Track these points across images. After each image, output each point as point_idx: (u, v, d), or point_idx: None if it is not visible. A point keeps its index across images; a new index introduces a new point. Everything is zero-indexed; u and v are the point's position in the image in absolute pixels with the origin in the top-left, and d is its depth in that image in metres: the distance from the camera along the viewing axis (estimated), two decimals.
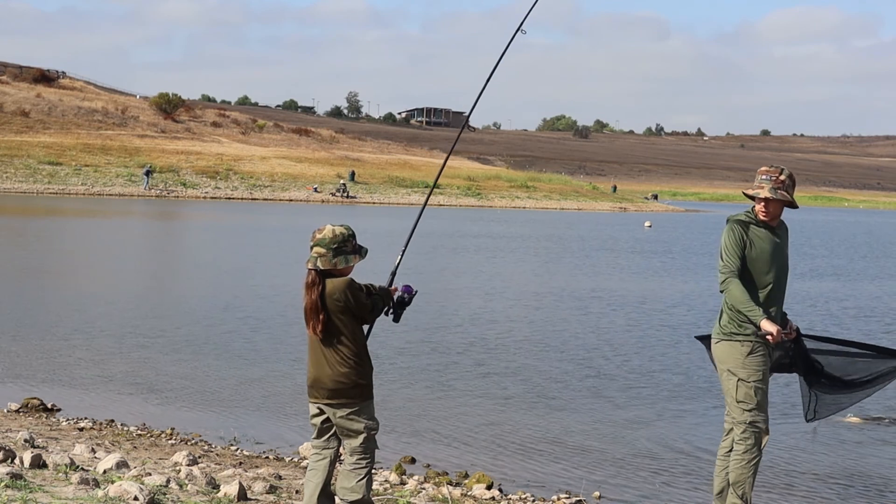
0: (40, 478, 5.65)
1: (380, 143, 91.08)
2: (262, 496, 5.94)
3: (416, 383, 10.53)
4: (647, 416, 9.45)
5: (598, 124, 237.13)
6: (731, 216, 5.68)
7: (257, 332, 13.29)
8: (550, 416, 9.35)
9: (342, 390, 4.99)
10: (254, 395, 9.92)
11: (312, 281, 4.99)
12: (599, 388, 10.61)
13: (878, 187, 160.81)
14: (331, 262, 4.98)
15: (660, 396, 10.24)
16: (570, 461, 7.93)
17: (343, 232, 5.04)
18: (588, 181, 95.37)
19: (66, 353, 11.58)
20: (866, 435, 8.99)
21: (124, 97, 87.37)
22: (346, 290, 4.97)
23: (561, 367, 11.67)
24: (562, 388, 10.53)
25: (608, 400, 10.10)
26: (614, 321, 15.45)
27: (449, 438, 8.53)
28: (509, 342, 13.27)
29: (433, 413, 9.38)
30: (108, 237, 29.91)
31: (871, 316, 16.91)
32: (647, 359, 12.31)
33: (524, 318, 15.71)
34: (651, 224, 49.63)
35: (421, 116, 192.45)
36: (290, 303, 15.91)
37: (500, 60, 6.56)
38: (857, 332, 14.77)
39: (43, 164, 58.04)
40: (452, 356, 12.08)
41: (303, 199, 60.46)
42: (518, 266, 24.88)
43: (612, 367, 11.76)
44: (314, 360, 5.06)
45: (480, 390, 10.34)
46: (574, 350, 12.79)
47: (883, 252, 34.92)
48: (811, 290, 20.47)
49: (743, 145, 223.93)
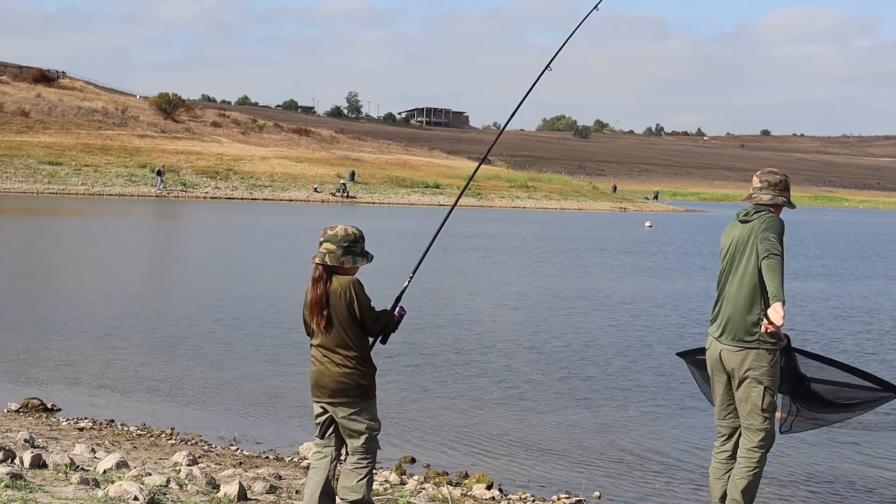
0: (40, 478, 5.65)
1: (380, 143, 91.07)
2: (262, 496, 5.94)
3: (416, 383, 10.53)
4: (647, 416, 9.44)
5: (598, 124, 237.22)
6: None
7: (258, 333, 13.28)
8: (551, 416, 9.34)
9: (344, 390, 5.01)
10: (254, 395, 9.92)
11: (319, 276, 5.05)
12: (600, 388, 10.61)
13: (878, 187, 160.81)
14: (338, 260, 5.04)
15: (660, 396, 10.24)
16: (570, 461, 7.93)
17: (354, 232, 5.11)
18: (588, 181, 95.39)
19: (65, 353, 11.58)
20: (825, 437, 8.89)
21: (124, 97, 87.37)
22: (351, 286, 5.01)
23: (561, 367, 11.66)
24: (562, 388, 10.52)
25: (608, 400, 10.09)
26: (613, 322, 15.44)
27: (449, 438, 8.53)
28: (509, 342, 13.26)
29: (433, 413, 9.38)
30: (108, 237, 29.90)
31: (851, 316, 16.79)
32: (647, 359, 12.31)
33: (524, 318, 15.70)
34: (651, 224, 49.66)
35: (421, 116, 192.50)
36: (292, 303, 15.91)
37: (527, 95, 6.79)
38: (839, 331, 14.83)
39: (43, 164, 58.02)
40: (452, 356, 12.07)
41: (303, 199, 60.45)
42: (515, 266, 24.88)
43: (612, 366, 11.76)
44: (317, 359, 5.08)
45: (480, 390, 10.34)
46: (574, 350, 12.78)
47: (876, 252, 34.81)
48: (800, 289, 20.47)
49: (743, 145, 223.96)
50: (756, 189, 5.76)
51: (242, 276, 20.38)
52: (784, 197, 5.73)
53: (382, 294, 5.91)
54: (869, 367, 11.88)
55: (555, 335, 13.94)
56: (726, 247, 5.72)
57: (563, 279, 21.84)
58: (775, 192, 5.71)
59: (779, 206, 5.70)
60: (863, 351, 13.20)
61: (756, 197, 5.72)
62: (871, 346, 13.68)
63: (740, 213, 5.75)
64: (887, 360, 12.70)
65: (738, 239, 5.64)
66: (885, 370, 11.89)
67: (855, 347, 13.47)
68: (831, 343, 13.70)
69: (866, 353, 13.09)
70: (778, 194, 5.71)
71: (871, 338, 14.40)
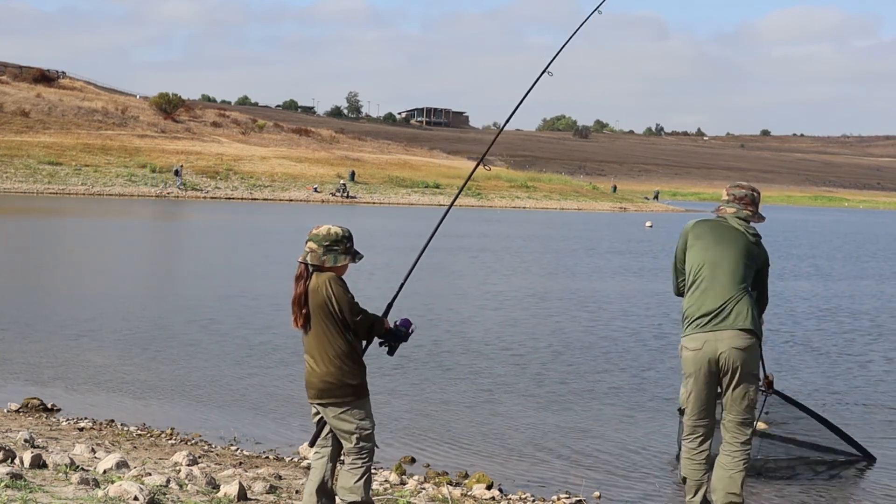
0: (40, 478, 5.65)
1: (380, 143, 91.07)
2: (262, 496, 5.94)
3: (416, 383, 10.52)
4: (647, 416, 9.44)
5: (598, 124, 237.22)
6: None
7: (259, 332, 13.28)
8: (551, 416, 9.34)
9: (329, 390, 4.98)
10: (254, 396, 9.92)
11: (300, 274, 5.07)
12: (600, 388, 10.61)
13: (878, 187, 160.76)
14: (319, 259, 5.04)
15: (660, 396, 10.23)
16: (570, 461, 7.93)
17: (338, 232, 5.08)
18: (588, 181, 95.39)
19: (66, 353, 11.58)
20: None
21: (124, 97, 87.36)
22: (328, 281, 4.97)
23: (561, 366, 11.66)
24: (562, 388, 10.52)
25: (608, 400, 10.09)
26: (614, 321, 15.45)
27: (449, 438, 8.53)
28: (509, 342, 13.26)
29: (433, 413, 9.37)
30: (108, 237, 29.90)
31: (825, 316, 16.71)
32: (647, 358, 12.31)
33: (524, 318, 15.70)
34: (652, 224, 49.69)
35: (421, 116, 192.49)
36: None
37: (524, 98, 6.78)
38: (815, 332, 14.82)
39: (43, 164, 58.03)
40: (452, 356, 12.07)
41: (303, 199, 60.46)
42: (516, 266, 24.88)
43: (612, 366, 11.76)
44: (307, 358, 5.09)
45: (480, 390, 10.33)
46: (574, 350, 12.78)
47: (866, 253, 34.58)
48: (783, 290, 20.47)
49: (743, 145, 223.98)
50: (723, 202, 5.88)
51: (243, 276, 20.37)
52: (749, 211, 5.80)
53: (367, 295, 5.89)
54: (840, 366, 11.94)
55: (555, 335, 13.94)
56: (712, 245, 5.68)
57: (569, 279, 21.84)
58: (740, 205, 5.80)
59: (742, 219, 5.77)
60: (839, 352, 13.14)
61: (722, 210, 5.85)
62: (846, 347, 13.62)
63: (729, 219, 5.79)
64: (858, 359, 12.71)
65: (727, 237, 5.68)
66: (857, 369, 11.92)
67: (832, 348, 13.40)
68: (808, 341, 13.75)
69: (843, 353, 13.06)
70: (743, 208, 5.79)
71: (848, 339, 14.29)
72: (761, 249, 5.76)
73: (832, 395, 10.47)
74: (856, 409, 9.86)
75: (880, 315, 17.10)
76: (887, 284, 23.03)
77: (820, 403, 9.64)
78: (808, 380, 11.16)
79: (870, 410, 9.82)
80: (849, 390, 10.72)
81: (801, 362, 12.26)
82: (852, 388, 10.81)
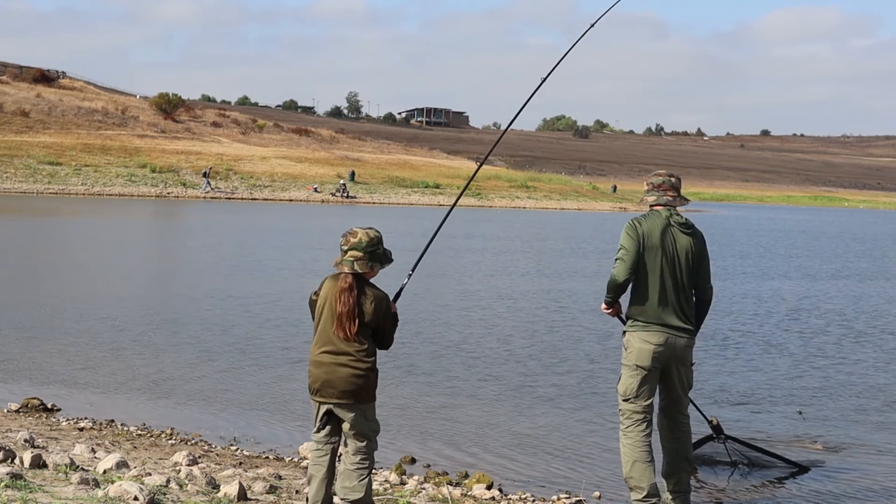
0: (40, 478, 5.65)
1: (380, 143, 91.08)
2: (262, 496, 5.94)
3: (416, 383, 10.53)
4: None
5: (598, 124, 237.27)
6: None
7: (259, 333, 13.28)
8: (551, 416, 9.34)
9: (354, 391, 5.04)
10: (254, 395, 9.92)
11: (350, 286, 5.01)
12: (600, 387, 10.60)
13: (878, 187, 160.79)
14: (368, 266, 5.03)
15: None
16: (571, 461, 7.93)
17: (376, 234, 5.12)
18: (588, 181, 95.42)
19: (65, 353, 11.58)
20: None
21: (124, 97, 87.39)
22: (389, 303, 5.09)
23: (561, 366, 11.66)
24: (562, 388, 10.52)
25: (609, 399, 10.08)
26: (613, 320, 15.41)
27: (449, 438, 8.52)
28: (509, 341, 13.26)
29: (433, 413, 9.37)
30: (108, 237, 29.89)
31: (773, 313, 16.72)
32: None
33: (524, 318, 15.70)
34: None
35: (421, 116, 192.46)
36: (294, 304, 15.93)
37: (526, 104, 6.92)
38: (773, 327, 14.82)
39: (43, 164, 58.04)
40: (452, 355, 12.07)
41: (303, 199, 60.47)
42: (515, 266, 24.88)
43: (612, 366, 11.75)
44: (325, 360, 5.07)
45: (480, 390, 10.34)
46: (574, 349, 12.78)
47: (856, 253, 34.34)
48: (754, 289, 20.46)
49: (743, 145, 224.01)
50: (644, 192, 6.21)
51: (244, 276, 20.36)
52: (670, 196, 6.04)
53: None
54: (800, 367, 11.97)
55: (556, 334, 13.94)
56: (672, 247, 5.95)
57: (571, 279, 21.84)
58: (659, 192, 6.07)
59: (663, 205, 6.02)
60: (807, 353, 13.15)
61: (644, 201, 6.14)
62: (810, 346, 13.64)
63: (674, 221, 5.98)
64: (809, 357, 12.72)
65: (681, 244, 5.98)
66: (807, 367, 11.92)
67: (798, 349, 13.31)
68: (769, 340, 13.74)
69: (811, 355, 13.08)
70: (663, 194, 6.06)
71: (806, 340, 14.21)
72: (697, 239, 6.03)
73: (793, 392, 10.47)
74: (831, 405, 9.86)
75: (846, 313, 17.16)
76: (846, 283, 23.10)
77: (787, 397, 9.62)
78: (773, 378, 11.18)
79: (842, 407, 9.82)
80: (818, 387, 10.73)
81: (767, 362, 12.27)
82: (819, 386, 10.82)
